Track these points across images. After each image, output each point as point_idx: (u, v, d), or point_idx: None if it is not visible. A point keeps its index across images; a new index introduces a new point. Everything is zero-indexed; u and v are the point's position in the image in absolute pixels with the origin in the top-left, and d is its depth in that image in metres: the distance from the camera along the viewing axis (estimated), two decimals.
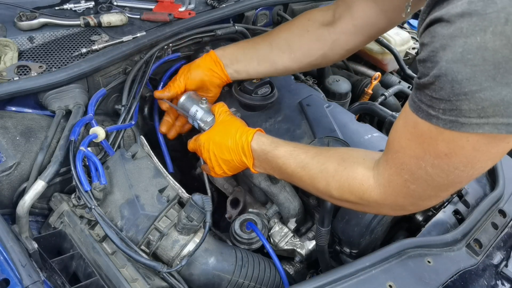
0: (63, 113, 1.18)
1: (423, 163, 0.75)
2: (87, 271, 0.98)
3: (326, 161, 0.97)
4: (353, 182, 0.90)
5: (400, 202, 0.87)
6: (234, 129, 1.11)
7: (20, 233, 0.97)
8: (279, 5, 1.78)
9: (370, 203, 0.90)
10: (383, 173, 0.86)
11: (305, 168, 0.99)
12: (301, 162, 1.00)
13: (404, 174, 0.80)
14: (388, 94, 1.63)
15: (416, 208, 0.92)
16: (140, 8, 1.51)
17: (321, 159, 0.98)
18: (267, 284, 1.13)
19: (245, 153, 1.08)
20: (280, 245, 1.22)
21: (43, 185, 1.01)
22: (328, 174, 0.95)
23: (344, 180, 0.92)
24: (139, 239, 1.01)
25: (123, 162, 1.11)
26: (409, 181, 0.80)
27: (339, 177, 0.93)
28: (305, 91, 1.46)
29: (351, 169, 0.92)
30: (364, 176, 0.89)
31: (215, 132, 1.14)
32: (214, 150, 1.12)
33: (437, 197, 0.85)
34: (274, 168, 1.06)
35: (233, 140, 1.09)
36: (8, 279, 0.83)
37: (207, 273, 1.06)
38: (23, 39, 1.29)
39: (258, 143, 1.07)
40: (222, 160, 1.12)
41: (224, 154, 1.11)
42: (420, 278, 1.01)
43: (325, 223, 1.09)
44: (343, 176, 0.92)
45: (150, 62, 1.37)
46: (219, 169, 1.14)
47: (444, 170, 0.74)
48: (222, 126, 1.15)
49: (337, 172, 0.94)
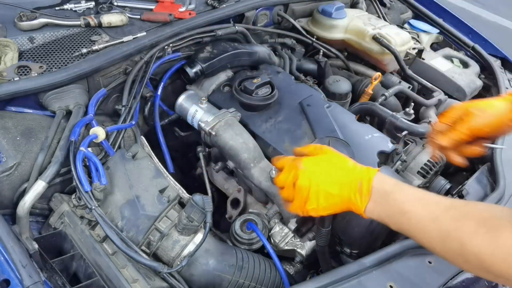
0: (63, 113, 1.18)
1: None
2: (88, 272, 0.98)
3: (462, 218, 0.77)
4: (498, 249, 0.70)
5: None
6: (348, 162, 0.94)
7: (21, 233, 0.97)
8: (280, 5, 1.78)
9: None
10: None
11: (435, 222, 0.79)
12: (432, 213, 0.80)
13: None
14: (389, 94, 1.63)
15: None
16: (140, 8, 1.51)
17: (456, 214, 0.79)
18: (267, 284, 1.13)
19: (362, 190, 0.87)
20: (280, 246, 1.22)
21: (43, 186, 1.01)
22: (464, 234, 0.75)
23: (486, 246, 0.71)
24: (140, 240, 1.01)
25: (124, 162, 1.11)
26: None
27: (479, 240, 0.72)
28: (306, 91, 1.46)
29: (496, 232, 0.71)
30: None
31: (324, 159, 0.96)
32: (319, 178, 0.91)
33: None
34: (392, 215, 0.85)
35: (347, 172, 0.91)
36: (8, 279, 0.83)
37: (208, 274, 1.05)
38: (23, 39, 1.29)
39: (380, 181, 0.88)
40: (325, 193, 0.90)
41: (331, 186, 0.90)
42: (421, 278, 1.01)
43: (325, 223, 1.08)
44: (485, 239, 0.71)
45: (150, 62, 1.37)
46: (315, 203, 0.91)
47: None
48: (331, 155, 0.97)
49: (477, 234, 0.73)
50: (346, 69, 1.87)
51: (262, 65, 1.58)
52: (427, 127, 1.51)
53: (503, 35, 4.37)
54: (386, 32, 1.75)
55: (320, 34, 1.83)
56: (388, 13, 2.16)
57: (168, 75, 1.46)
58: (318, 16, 1.83)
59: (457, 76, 1.82)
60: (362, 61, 1.90)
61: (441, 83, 1.82)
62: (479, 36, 2.10)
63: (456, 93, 1.80)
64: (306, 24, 1.87)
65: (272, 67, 1.59)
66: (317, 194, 0.91)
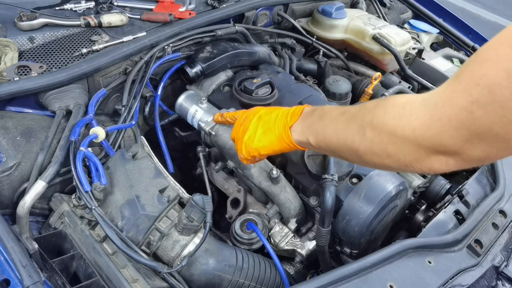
0: (63, 113, 1.18)
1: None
2: (88, 272, 0.98)
3: (368, 103, 0.82)
4: (391, 107, 0.72)
5: (445, 137, 0.64)
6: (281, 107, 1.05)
7: (21, 233, 0.97)
8: (280, 5, 1.78)
9: (406, 135, 0.69)
10: (443, 90, 0.66)
11: (345, 113, 0.85)
12: (344, 109, 0.87)
13: (476, 93, 0.58)
14: (389, 94, 1.63)
15: (457, 159, 0.67)
16: (141, 8, 1.51)
17: (364, 105, 0.83)
18: (267, 284, 1.13)
19: (292, 113, 0.98)
20: (280, 245, 1.22)
21: (43, 186, 1.01)
22: (366, 110, 0.79)
23: (381, 107, 0.75)
24: (140, 240, 1.01)
25: (124, 162, 1.11)
26: (477, 104, 0.58)
27: (377, 107, 0.76)
28: (306, 91, 1.46)
29: (395, 97, 0.74)
30: (409, 99, 0.71)
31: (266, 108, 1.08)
32: (261, 114, 1.04)
33: (497, 144, 0.61)
34: (312, 124, 0.92)
35: (280, 109, 1.03)
36: (8, 279, 0.83)
37: (208, 273, 1.05)
38: (23, 39, 1.29)
39: (309, 108, 0.98)
40: (266, 127, 1.01)
41: (271, 116, 1.02)
42: (421, 278, 1.01)
43: (325, 223, 1.08)
44: (382, 104, 0.75)
45: (150, 62, 1.37)
46: (258, 141, 1.02)
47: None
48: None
49: (378, 104, 0.77)
50: (346, 69, 1.87)
51: (262, 65, 1.58)
52: None
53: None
54: (386, 32, 1.75)
55: (320, 34, 1.83)
56: (388, 13, 2.16)
57: (168, 75, 1.46)
58: (318, 16, 1.83)
59: None
60: (362, 61, 1.90)
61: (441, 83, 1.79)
62: (479, 36, 2.10)
63: None
64: (306, 24, 1.87)
65: (272, 67, 1.59)
66: (257, 125, 1.03)
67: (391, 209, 1.16)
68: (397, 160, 0.74)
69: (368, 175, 1.15)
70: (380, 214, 1.12)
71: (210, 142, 1.30)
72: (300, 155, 1.23)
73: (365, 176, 1.15)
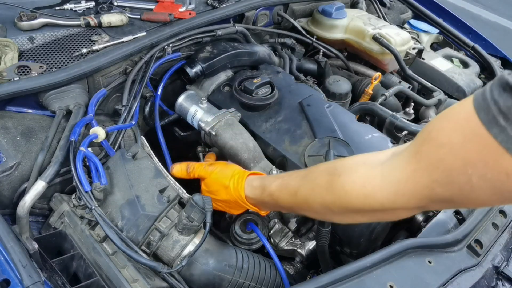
0: (63, 113, 1.18)
1: (470, 170, 0.60)
2: (88, 272, 0.98)
3: (317, 177, 0.87)
4: (351, 187, 0.78)
5: (410, 205, 0.72)
6: (228, 178, 1.10)
7: (21, 233, 0.96)
8: (280, 5, 1.78)
9: (375, 208, 0.76)
10: (404, 167, 0.70)
11: (297, 194, 0.90)
12: (292, 189, 0.92)
13: (436, 175, 0.64)
14: (389, 94, 1.63)
15: (424, 209, 0.82)
16: (141, 8, 1.51)
17: (311, 176, 0.89)
18: (267, 284, 1.13)
19: (246, 204, 1.08)
20: (280, 245, 1.22)
21: (43, 186, 1.01)
22: (321, 189, 0.84)
23: (340, 189, 0.80)
24: (140, 240, 1.01)
25: (124, 162, 1.11)
26: (437, 183, 0.65)
27: (333, 187, 0.81)
28: (306, 91, 1.46)
29: (348, 175, 0.80)
30: (367, 177, 0.76)
31: (211, 182, 1.15)
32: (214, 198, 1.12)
33: (457, 204, 0.73)
34: (277, 208, 1.06)
35: (228, 192, 1.10)
36: (8, 279, 0.83)
37: (208, 274, 1.05)
38: (23, 39, 1.29)
39: (251, 191, 1.06)
40: (223, 203, 1.14)
41: (223, 197, 1.12)
42: (421, 278, 1.01)
43: (325, 223, 1.08)
44: (338, 185, 0.80)
45: (150, 62, 1.37)
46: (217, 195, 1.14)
47: (494, 187, 0.59)
48: (216, 175, 1.14)
49: (331, 183, 0.82)
50: (346, 69, 1.87)
51: (262, 65, 1.58)
52: None
53: (503, 35, 4.37)
54: (386, 32, 1.75)
55: (320, 34, 1.83)
56: (388, 13, 2.16)
57: (168, 75, 1.46)
58: (318, 16, 1.83)
59: (457, 76, 1.82)
60: (362, 61, 1.90)
61: (441, 83, 1.82)
62: (479, 36, 2.10)
63: (456, 93, 1.80)
64: (306, 24, 1.87)
65: (272, 67, 1.59)
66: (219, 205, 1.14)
67: None
68: (367, 218, 0.87)
69: None
70: None
71: (210, 142, 1.30)
72: (300, 155, 1.23)
73: None
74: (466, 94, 1.78)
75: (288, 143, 1.27)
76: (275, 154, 1.28)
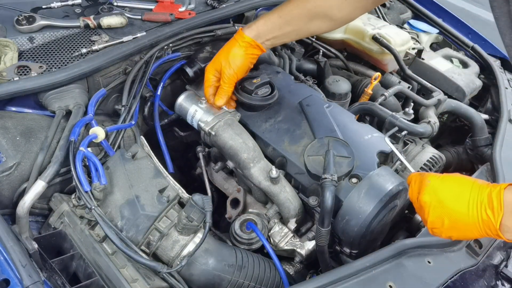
0: (63, 113, 1.18)
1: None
2: (87, 271, 0.98)
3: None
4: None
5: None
6: (476, 180, 0.87)
7: (20, 233, 0.97)
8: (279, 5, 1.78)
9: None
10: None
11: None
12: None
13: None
14: (388, 94, 1.63)
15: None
16: (140, 8, 1.51)
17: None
18: (267, 284, 1.13)
19: (492, 204, 0.79)
20: (280, 245, 1.22)
21: (43, 185, 1.01)
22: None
23: None
24: (139, 240, 1.01)
25: (123, 162, 1.11)
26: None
27: None
28: (305, 91, 1.46)
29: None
30: None
31: (451, 177, 0.90)
32: (442, 194, 0.87)
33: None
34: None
35: (475, 189, 0.84)
36: (8, 279, 0.83)
37: (207, 273, 1.06)
38: (23, 39, 1.29)
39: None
40: (450, 211, 0.85)
41: (456, 204, 0.84)
42: (420, 278, 1.01)
43: (325, 223, 1.08)
44: None
45: (150, 62, 1.37)
46: (439, 222, 0.87)
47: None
48: (459, 175, 0.91)
49: None
50: (346, 69, 1.87)
51: (262, 65, 1.58)
52: (427, 127, 1.51)
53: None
54: (386, 32, 1.75)
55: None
56: (388, 13, 2.16)
57: (168, 75, 1.46)
58: None
59: (456, 76, 1.82)
60: (362, 61, 1.90)
61: (440, 83, 1.82)
62: (479, 36, 2.10)
63: (456, 93, 1.80)
64: None
65: (272, 67, 1.59)
66: (440, 212, 0.85)
67: (390, 209, 1.16)
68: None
69: (367, 175, 1.15)
70: (379, 214, 1.12)
71: (210, 142, 1.30)
72: (300, 155, 1.23)
73: (365, 176, 1.15)
74: (466, 94, 1.78)
75: (287, 143, 1.27)
76: (274, 154, 1.28)
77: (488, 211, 0.79)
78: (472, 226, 0.82)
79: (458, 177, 0.89)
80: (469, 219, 0.82)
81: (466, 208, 0.82)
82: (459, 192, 0.84)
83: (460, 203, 0.83)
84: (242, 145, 1.23)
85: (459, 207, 0.83)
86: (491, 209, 0.79)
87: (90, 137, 1.09)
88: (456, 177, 0.89)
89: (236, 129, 1.27)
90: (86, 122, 1.15)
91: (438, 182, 0.88)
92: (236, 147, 1.23)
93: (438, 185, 0.87)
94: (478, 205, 0.81)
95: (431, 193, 0.87)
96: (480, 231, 0.82)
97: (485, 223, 0.80)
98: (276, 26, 1.28)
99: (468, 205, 0.82)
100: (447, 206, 0.84)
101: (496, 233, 0.79)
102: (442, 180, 0.89)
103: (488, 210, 0.79)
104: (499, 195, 0.78)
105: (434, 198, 0.86)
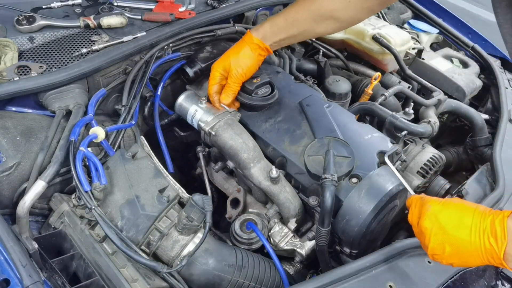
0: (63, 113, 1.18)
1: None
2: (87, 271, 0.98)
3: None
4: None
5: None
6: (478, 206, 0.86)
7: (20, 233, 0.97)
8: (279, 5, 1.78)
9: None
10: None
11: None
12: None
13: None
14: (388, 94, 1.63)
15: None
16: (140, 8, 1.51)
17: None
18: (267, 284, 1.13)
19: (496, 232, 0.78)
20: (280, 245, 1.22)
21: (43, 185, 1.01)
22: None
23: None
24: (139, 239, 1.01)
25: (123, 162, 1.11)
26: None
27: None
28: (305, 91, 1.46)
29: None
30: None
31: (451, 202, 0.89)
32: (443, 220, 0.85)
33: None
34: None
35: (477, 215, 0.82)
36: (8, 279, 0.83)
37: (207, 273, 1.06)
38: (23, 39, 1.29)
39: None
40: (452, 238, 0.83)
41: (458, 231, 0.82)
42: (420, 278, 1.01)
43: (325, 223, 1.08)
44: None
45: (150, 62, 1.37)
46: (440, 249, 0.86)
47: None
48: (460, 201, 0.90)
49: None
50: (346, 69, 1.87)
51: (262, 65, 1.58)
52: (427, 127, 1.51)
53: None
54: (386, 32, 1.75)
55: None
56: (388, 13, 2.16)
57: (168, 75, 1.46)
58: None
59: (456, 76, 1.82)
60: (362, 61, 1.90)
61: (440, 83, 1.82)
62: (479, 36, 2.10)
63: (456, 93, 1.80)
64: None
65: (272, 67, 1.59)
66: (441, 239, 0.84)
67: (390, 209, 1.17)
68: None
69: (367, 175, 1.15)
70: (379, 214, 1.12)
71: (210, 142, 1.30)
72: (300, 155, 1.23)
73: (365, 176, 1.15)
74: (466, 94, 1.78)
75: (287, 143, 1.27)
76: (274, 154, 1.28)
77: (491, 239, 0.78)
78: (474, 254, 0.81)
79: (459, 203, 0.88)
80: (471, 247, 0.81)
81: (468, 235, 0.81)
82: (460, 218, 0.84)
83: (462, 230, 0.82)
84: (242, 145, 1.23)
85: (461, 234, 0.82)
86: (494, 237, 0.78)
87: (90, 137, 1.09)
88: (457, 203, 0.88)
89: (236, 129, 1.27)
90: (86, 122, 1.15)
91: (439, 207, 0.88)
92: (236, 147, 1.23)
93: (439, 211, 0.87)
94: (481, 232, 0.80)
95: (432, 219, 0.86)
96: (482, 259, 0.81)
97: (488, 252, 0.79)
98: (282, 28, 1.29)
99: (471, 232, 0.81)
100: (448, 232, 0.84)
101: (499, 262, 0.79)
102: (443, 206, 0.88)
103: (491, 238, 0.78)
104: (503, 223, 0.78)
105: (435, 224, 0.86)
